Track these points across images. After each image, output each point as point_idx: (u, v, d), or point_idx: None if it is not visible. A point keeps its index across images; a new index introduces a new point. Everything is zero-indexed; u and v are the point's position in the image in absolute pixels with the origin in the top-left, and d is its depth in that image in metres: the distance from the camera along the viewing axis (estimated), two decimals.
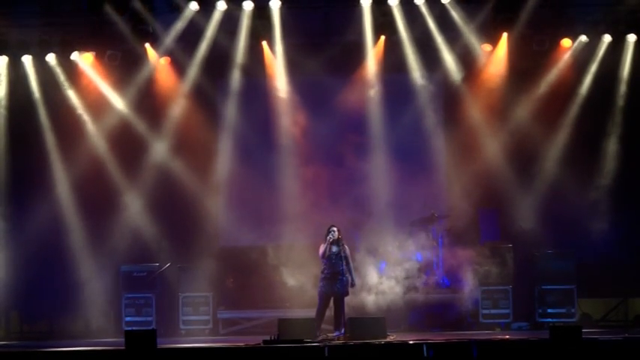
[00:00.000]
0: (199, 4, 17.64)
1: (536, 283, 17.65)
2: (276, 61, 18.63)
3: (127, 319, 17.86)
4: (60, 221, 18.34)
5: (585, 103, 18.26)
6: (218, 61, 18.85)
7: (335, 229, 15.37)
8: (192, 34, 18.30)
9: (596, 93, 18.27)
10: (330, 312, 15.58)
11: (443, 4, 17.83)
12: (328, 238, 15.33)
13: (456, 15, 17.96)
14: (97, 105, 18.62)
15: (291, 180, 18.02)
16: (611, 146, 18.19)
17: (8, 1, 17.76)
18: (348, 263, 15.40)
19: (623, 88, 18.26)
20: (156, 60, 18.54)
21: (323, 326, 15.49)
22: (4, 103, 18.65)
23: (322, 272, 15.41)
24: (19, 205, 18.52)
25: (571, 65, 18.23)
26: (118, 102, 18.62)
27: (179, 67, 18.70)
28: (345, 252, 15.35)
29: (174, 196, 18.52)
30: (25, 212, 18.41)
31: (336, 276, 15.29)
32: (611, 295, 18.23)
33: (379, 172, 18.73)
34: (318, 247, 15.45)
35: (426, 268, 18.21)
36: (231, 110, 18.90)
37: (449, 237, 18.08)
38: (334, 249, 15.34)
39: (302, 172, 18.05)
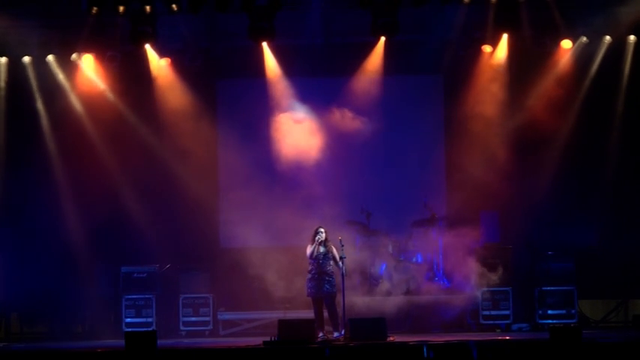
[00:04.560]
0: (199, 5, 17.60)
1: (537, 284, 17.66)
2: (276, 61, 18.64)
3: (127, 320, 17.86)
4: (60, 222, 18.31)
5: (586, 104, 18.24)
6: (218, 62, 18.87)
7: (322, 230, 15.49)
8: (192, 34, 18.29)
9: (596, 94, 18.26)
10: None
11: (443, 5, 17.82)
12: (317, 239, 15.41)
13: (457, 15, 17.94)
14: (97, 106, 18.60)
15: (292, 181, 18.00)
16: (612, 147, 18.17)
17: (8, 1, 17.73)
18: (336, 262, 15.39)
19: (623, 89, 18.25)
20: (156, 61, 18.54)
21: (328, 328, 15.48)
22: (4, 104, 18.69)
23: (309, 272, 15.48)
24: (19, 205, 18.50)
25: (571, 66, 18.23)
26: (117, 103, 18.60)
27: (179, 67, 18.69)
28: (332, 252, 15.41)
29: (175, 197, 18.52)
30: (25, 213, 18.40)
31: (323, 276, 15.36)
32: (611, 297, 18.24)
33: (379, 172, 18.74)
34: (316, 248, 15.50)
35: (426, 269, 18.21)
36: (231, 111, 18.92)
37: (449, 238, 18.06)
38: (322, 249, 15.42)
39: (302, 173, 18.03)
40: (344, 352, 13.82)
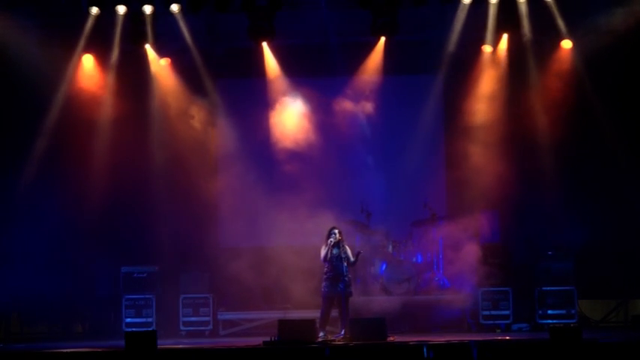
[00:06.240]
0: (199, 5, 17.60)
1: (537, 284, 17.66)
2: (276, 61, 18.64)
3: (128, 320, 17.85)
4: (60, 221, 18.29)
5: (586, 104, 18.23)
6: (218, 62, 18.88)
7: (336, 230, 15.33)
8: (192, 34, 18.30)
9: (596, 94, 18.24)
10: (335, 313, 15.52)
11: (443, 5, 17.83)
12: (329, 241, 15.28)
13: (456, 15, 17.95)
14: (96, 106, 18.59)
15: (291, 181, 18.00)
16: (613, 147, 18.15)
17: (8, 1, 17.74)
18: (349, 263, 15.36)
19: (622, 89, 18.24)
20: (156, 61, 18.54)
21: (328, 328, 15.47)
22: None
23: (325, 274, 15.39)
24: (19, 205, 18.48)
25: (571, 66, 18.23)
26: (117, 103, 18.58)
27: (179, 67, 18.69)
28: (345, 253, 15.33)
29: (175, 197, 18.51)
30: (25, 212, 18.39)
31: (339, 277, 15.23)
32: (611, 297, 18.25)
33: (379, 172, 18.75)
34: (319, 248, 15.42)
35: (426, 269, 18.23)
36: (231, 111, 18.92)
37: (449, 238, 18.05)
38: (335, 251, 15.27)
39: (302, 173, 18.04)
40: (344, 352, 13.81)
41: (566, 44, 18.19)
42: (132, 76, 18.56)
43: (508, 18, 17.66)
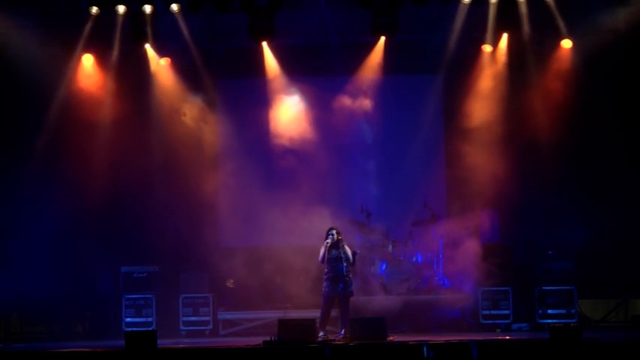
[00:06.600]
0: (199, 5, 17.61)
1: (537, 284, 17.65)
2: (276, 61, 18.64)
3: (127, 319, 17.86)
4: (60, 223, 18.29)
5: (585, 103, 18.22)
6: (218, 62, 18.88)
7: (334, 231, 15.26)
8: (192, 34, 18.30)
9: (595, 93, 18.24)
10: (336, 313, 15.51)
11: (443, 5, 17.83)
12: (326, 242, 15.22)
13: (456, 15, 17.95)
14: (96, 106, 18.58)
15: (291, 180, 18.00)
16: (613, 147, 18.14)
17: (8, 1, 17.74)
18: (349, 263, 15.32)
19: (621, 88, 18.24)
20: (156, 61, 18.54)
21: (328, 327, 15.45)
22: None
23: (325, 274, 15.36)
24: (18, 205, 18.47)
25: (571, 66, 18.23)
26: (117, 103, 18.58)
27: (179, 67, 18.69)
28: (344, 253, 15.28)
29: (175, 197, 18.51)
30: (25, 212, 18.39)
31: (339, 278, 15.18)
32: (611, 297, 18.25)
33: (379, 172, 18.75)
34: (319, 247, 15.38)
35: (425, 269, 18.23)
36: (231, 111, 18.92)
37: (449, 238, 18.05)
38: (333, 252, 15.20)
39: (302, 173, 18.03)
40: (344, 352, 13.82)
41: (566, 44, 18.20)
42: (132, 76, 18.56)
43: (508, 18, 17.66)
